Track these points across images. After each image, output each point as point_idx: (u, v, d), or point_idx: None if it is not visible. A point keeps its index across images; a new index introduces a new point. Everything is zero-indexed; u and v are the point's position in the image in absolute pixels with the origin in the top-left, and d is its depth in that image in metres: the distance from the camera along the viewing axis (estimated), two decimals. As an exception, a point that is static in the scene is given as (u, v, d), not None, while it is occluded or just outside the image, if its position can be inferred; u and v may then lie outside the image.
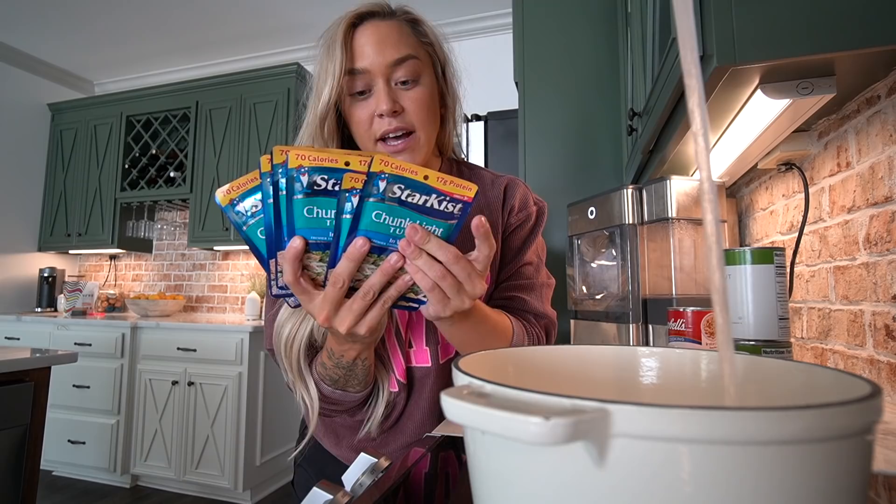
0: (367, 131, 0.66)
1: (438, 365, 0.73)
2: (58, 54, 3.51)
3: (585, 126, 1.72)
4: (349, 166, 0.46)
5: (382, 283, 0.50)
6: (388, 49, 0.64)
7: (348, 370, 0.63)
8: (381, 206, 0.47)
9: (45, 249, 3.54)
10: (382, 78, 0.64)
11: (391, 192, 0.47)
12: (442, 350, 0.73)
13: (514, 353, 0.37)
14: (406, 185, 0.46)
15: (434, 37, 0.71)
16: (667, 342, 0.75)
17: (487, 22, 2.96)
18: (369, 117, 0.66)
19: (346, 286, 0.50)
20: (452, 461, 0.52)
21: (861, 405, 0.19)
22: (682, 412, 0.18)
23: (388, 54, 0.64)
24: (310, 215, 0.48)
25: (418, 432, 0.73)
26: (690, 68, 0.24)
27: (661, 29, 0.84)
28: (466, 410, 0.20)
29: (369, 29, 0.65)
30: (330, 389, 0.66)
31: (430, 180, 0.47)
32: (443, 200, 0.47)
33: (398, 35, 0.66)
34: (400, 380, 0.71)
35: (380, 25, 0.65)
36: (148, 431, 2.63)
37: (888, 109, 0.65)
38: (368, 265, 0.50)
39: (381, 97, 0.64)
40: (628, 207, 1.05)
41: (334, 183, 0.47)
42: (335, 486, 0.47)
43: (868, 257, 0.70)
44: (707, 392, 0.34)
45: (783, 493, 0.18)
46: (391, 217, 0.48)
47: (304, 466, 0.81)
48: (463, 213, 0.49)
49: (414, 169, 0.47)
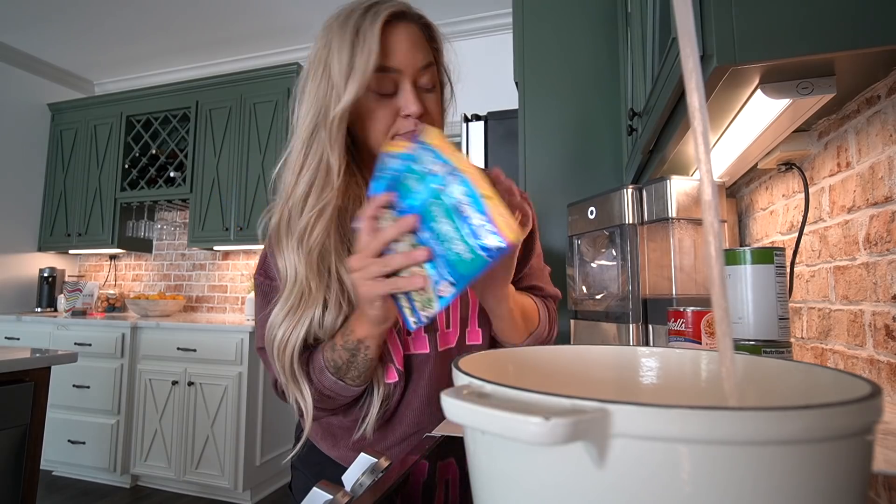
0: (389, 127, 0.66)
1: (437, 352, 0.73)
2: (58, 54, 3.51)
3: (585, 126, 1.72)
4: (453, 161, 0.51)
5: (402, 264, 0.54)
6: (419, 53, 0.65)
7: (352, 354, 0.64)
8: (440, 203, 0.51)
9: (45, 249, 3.54)
10: (410, 79, 0.65)
11: (454, 193, 0.49)
12: (441, 338, 0.73)
13: (514, 353, 0.37)
14: (468, 195, 0.49)
15: (440, 43, 0.72)
16: (667, 342, 0.75)
17: (487, 22, 2.96)
18: (392, 115, 0.65)
19: (381, 244, 0.55)
20: (452, 462, 0.52)
21: (861, 405, 0.19)
22: (681, 412, 0.18)
23: (419, 58, 0.65)
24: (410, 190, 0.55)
25: (416, 421, 0.73)
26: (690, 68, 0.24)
27: (661, 29, 0.84)
28: (466, 410, 0.20)
29: (403, 29, 0.65)
30: (332, 380, 0.66)
31: (488, 201, 0.48)
32: (483, 227, 0.48)
33: (423, 39, 0.67)
34: (398, 368, 0.71)
35: (411, 27, 0.66)
36: (148, 431, 2.63)
37: (888, 109, 0.65)
38: (404, 243, 0.54)
39: (410, 98, 0.64)
40: (628, 207, 1.05)
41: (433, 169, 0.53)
42: (335, 486, 0.47)
43: (868, 257, 0.70)
44: (707, 392, 0.34)
45: (783, 493, 0.18)
46: (442, 216, 0.51)
47: (300, 469, 0.81)
48: (495, 256, 0.48)
49: (484, 185, 0.48)
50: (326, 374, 0.66)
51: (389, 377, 0.71)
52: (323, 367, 0.66)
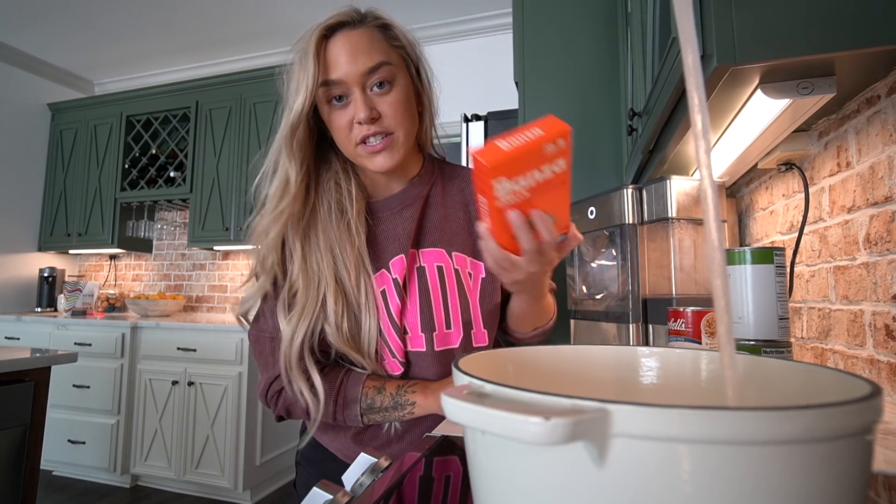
0: (348, 137, 0.69)
1: (434, 351, 0.74)
2: (58, 54, 3.51)
3: (585, 126, 1.72)
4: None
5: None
6: (361, 57, 0.66)
7: (396, 407, 0.70)
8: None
9: (45, 249, 3.54)
10: (358, 87, 0.67)
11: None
12: (438, 338, 0.74)
13: (515, 353, 0.37)
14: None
15: (405, 39, 0.73)
16: (667, 342, 0.75)
17: (487, 22, 2.96)
18: (349, 124, 0.68)
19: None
20: (452, 461, 0.52)
21: (861, 405, 0.19)
22: (681, 412, 0.18)
23: (362, 63, 0.66)
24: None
25: (416, 419, 0.74)
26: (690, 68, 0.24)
27: (661, 29, 0.84)
28: (466, 410, 0.20)
29: (340, 39, 0.67)
30: (355, 413, 0.70)
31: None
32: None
33: (369, 42, 0.68)
34: (399, 359, 0.73)
35: (350, 35, 0.67)
36: (148, 431, 2.63)
37: (888, 109, 0.65)
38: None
39: (358, 106, 0.67)
40: (628, 207, 1.05)
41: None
42: (335, 486, 0.47)
43: (868, 257, 0.70)
44: (707, 392, 0.34)
45: (783, 493, 0.18)
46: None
47: (304, 465, 0.81)
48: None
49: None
50: (353, 408, 0.70)
51: (394, 370, 0.73)
52: (356, 400, 0.70)
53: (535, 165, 0.48)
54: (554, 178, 0.50)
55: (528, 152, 0.46)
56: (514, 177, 0.48)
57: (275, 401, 0.73)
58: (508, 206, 0.50)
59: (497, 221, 0.52)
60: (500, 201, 0.49)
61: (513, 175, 0.47)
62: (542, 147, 0.47)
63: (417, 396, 0.69)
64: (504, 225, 0.53)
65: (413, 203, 0.77)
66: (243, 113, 3.06)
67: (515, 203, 0.50)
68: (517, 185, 0.48)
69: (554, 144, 0.47)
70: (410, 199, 0.77)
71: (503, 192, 0.48)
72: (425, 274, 0.75)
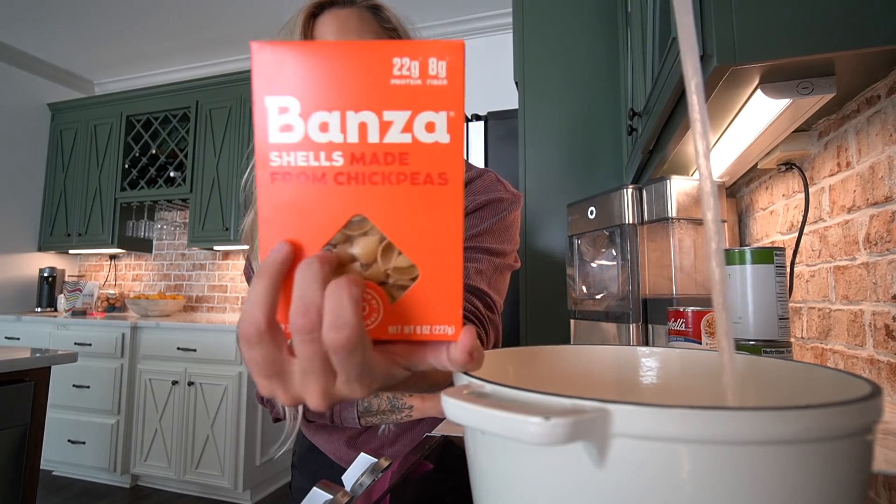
0: None
1: None
2: (58, 54, 3.51)
3: (585, 126, 1.72)
4: None
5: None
6: (350, 37, 0.63)
7: (393, 410, 0.68)
8: None
9: (45, 249, 3.54)
10: None
11: None
12: None
13: (515, 353, 0.37)
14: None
15: (398, 22, 0.69)
16: (667, 342, 0.75)
17: (487, 22, 2.96)
18: None
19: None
20: (452, 461, 0.52)
21: (861, 405, 0.19)
22: (681, 412, 0.18)
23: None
24: None
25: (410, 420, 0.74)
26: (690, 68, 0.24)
27: (661, 29, 0.84)
28: (466, 410, 0.20)
29: (329, 18, 0.63)
30: (351, 415, 0.69)
31: None
32: None
33: (359, 23, 0.64)
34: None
35: (340, 14, 0.64)
36: (148, 431, 2.63)
37: (888, 109, 0.65)
38: None
39: None
40: (628, 207, 1.05)
41: None
42: (335, 486, 0.47)
43: (868, 257, 0.70)
44: (707, 392, 0.34)
45: (783, 493, 0.18)
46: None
47: (299, 469, 0.81)
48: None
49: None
50: (350, 410, 0.69)
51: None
52: (353, 402, 0.68)
53: (363, 96, 0.24)
54: (427, 155, 0.25)
55: (362, 55, 0.24)
56: (315, 104, 0.24)
57: (271, 402, 0.72)
58: (291, 171, 0.25)
59: (266, 210, 0.25)
60: (272, 164, 0.25)
61: (313, 100, 0.24)
62: (390, 57, 0.24)
63: (415, 399, 0.69)
64: (274, 229, 0.25)
65: None
66: (243, 113, 3.06)
67: (306, 171, 0.25)
68: (330, 130, 0.25)
69: (417, 64, 0.24)
70: None
71: (299, 127, 0.25)
72: None
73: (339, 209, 0.25)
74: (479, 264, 0.66)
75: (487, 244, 0.68)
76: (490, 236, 0.69)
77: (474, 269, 0.65)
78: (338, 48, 0.24)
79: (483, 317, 0.61)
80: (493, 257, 0.68)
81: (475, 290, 0.64)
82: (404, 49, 0.24)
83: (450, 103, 0.24)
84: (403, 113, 0.24)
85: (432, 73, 0.24)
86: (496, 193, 0.72)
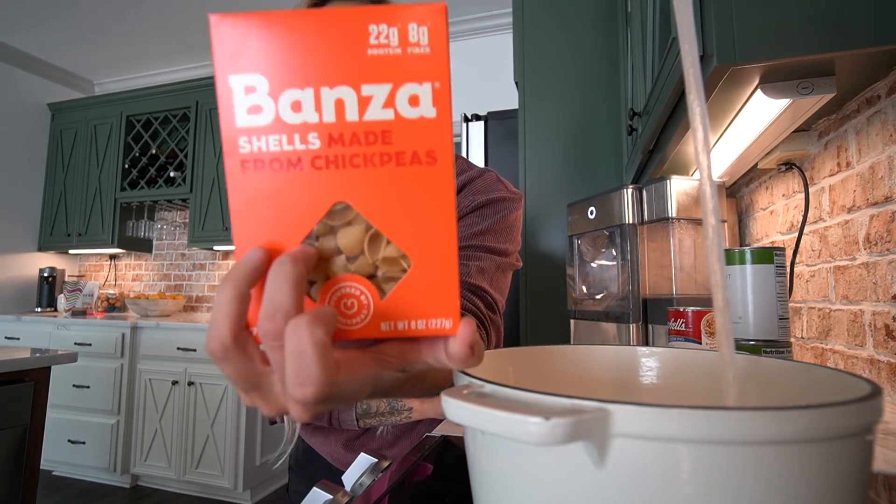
0: None
1: None
2: (58, 54, 3.51)
3: (585, 126, 1.72)
4: None
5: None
6: None
7: (392, 412, 0.68)
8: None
9: (45, 249, 3.54)
10: None
11: None
12: None
13: (515, 353, 0.37)
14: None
15: None
16: (667, 342, 0.75)
17: (487, 22, 2.96)
18: None
19: None
20: (452, 462, 0.52)
21: (861, 405, 0.19)
22: (681, 412, 0.18)
23: None
24: None
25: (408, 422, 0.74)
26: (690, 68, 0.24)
27: (661, 29, 0.84)
28: (466, 410, 0.20)
29: (339, 2, 0.61)
30: (350, 417, 0.68)
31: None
32: None
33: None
34: None
35: (345, 4, 0.62)
36: (148, 431, 2.63)
37: (888, 109, 0.65)
38: None
39: None
40: (628, 207, 1.05)
41: None
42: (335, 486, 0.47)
43: (868, 257, 0.70)
44: (707, 392, 0.34)
45: (783, 493, 0.18)
46: None
47: (295, 471, 0.81)
48: None
49: None
50: (349, 412, 0.68)
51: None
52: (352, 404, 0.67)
53: (339, 69, 0.22)
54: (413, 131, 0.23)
55: (334, 22, 0.22)
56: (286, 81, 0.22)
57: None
58: (263, 157, 0.23)
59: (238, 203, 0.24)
60: (241, 151, 0.23)
61: (283, 76, 0.22)
62: (365, 24, 0.22)
63: (414, 401, 0.69)
64: (248, 224, 0.24)
65: None
66: (243, 113, 3.06)
67: (280, 157, 0.23)
68: (303, 109, 0.23)
69: (396, 31, 0.22)
70: None
71: (269, 108, 0.23)
72: None
73: (319, 197, 0.23)
74: (481, 262, 0.64)
75: (489, 242, 0.67)
76: (492, 235, 0.68)
77: (476, 268, 0.64)
78: (307, 17, 0.22)
79: (484, 316, 0.60)
80: (496, 256, 0.67)
81: (476, 288, 0.62)
82: (381, 15, 0.22)
83: (434, 73, 0.22)
84: (384, 86, 0.22)
85: (413, 40, 0.22)
86: (497, 193, 0.72)
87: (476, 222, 0.68)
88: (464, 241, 0.66)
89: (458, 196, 0.70)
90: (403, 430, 0.73)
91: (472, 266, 0.63)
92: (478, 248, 0.66)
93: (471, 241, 0.66)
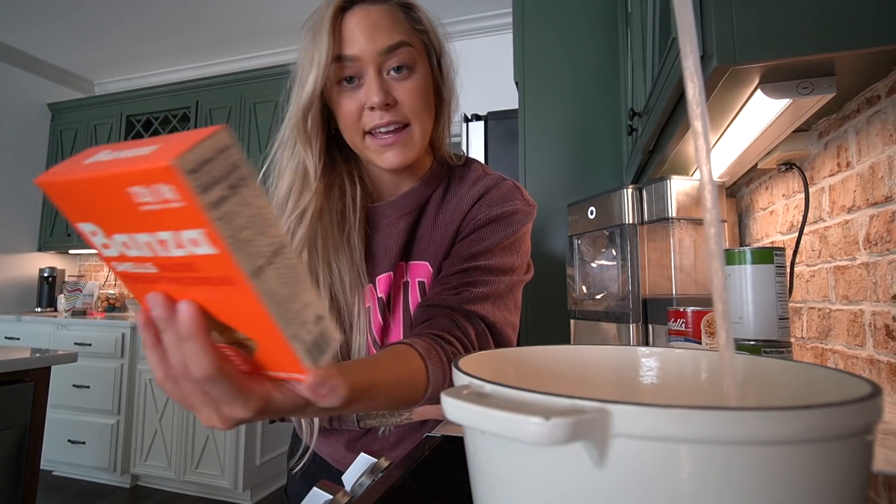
0: (356, 124, 0.61)
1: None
2: (58, 54, 3.51)
3: (585, 126, 1.72)
4: None
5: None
6: (380, 35, 0.59)
7: (393, 413, 0.68)
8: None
9: (45, 249, 3.54)
10: (373, 67, 0.59)
11: None
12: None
13: (514, 353, 0.37)
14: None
15: (429, 24, 0.66)
16: (667, 342, 0.75)
17: (487, 22, 2.96)
18: (358, 109, 0.61)
19: None
20: (452, 462, 0.52)
21: (861, 405, 0.19)
22: (682, 412, 0.18)
23: (380, 41, 0.59)
24: None
25: (407, 424, 0.74)
26: (690, 68, 0.24)
27: (661, 29, 0.84)
28: (466, 410, 0.20)
29: (359, 13, 0.60)
30: (351, 419, 0.68)
31: None
32: None
33: (391, 20, 0.61)
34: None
35: (370, 10, 0.61)
36: (148, 431, 2.63)
37: (888, 109, 0.65)
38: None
39: (371, 88, 0.59)
40: (628, 207, 1.05)
41: None
42: (335, 486, 0.47)
43: (868, 257, 0.70)
44: (707, 392, 0.34)
45: (783, 493, 0.18)
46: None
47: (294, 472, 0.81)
48: None
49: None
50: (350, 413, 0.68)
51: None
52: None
53: (131, 221, 0.25)
54: (207, 263, 0.25)
55: (102, 187, 0.24)
56: (110, 228, 0.26)
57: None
58: (129, 275, 0.29)
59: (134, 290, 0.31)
60: (116, 269, 0.29)
61: (107, 225, 0.26)
62: (125, 188, 0.23)
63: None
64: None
65: (412, 211, 0.70)
66: (243, 113, 3.06)
67: (139, 276, 0.29)
68: (132, 247, 0.27)
69: (150, 191, 0.23)
70: (410, 205, 0.70)
71: (113, 245, 0.27)
72: (409, 291, 0.70)
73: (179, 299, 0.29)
74: (485, 287, 0.63)
75: (495, 261, 0.66)
76: (499, 252, 0.67)
77: (478, 294, 0.63)
78: (89, 184, 0.24)
79: (471, 346, 0.59)
80: (501, 276, 0.66)
81: (472, 315, 0.62)
82: (138, 177, 0.23)
83: (195, 222, 0.24)
84: (167, 233, 0.25)
85: (166, 197, 0.23)
86: (512, 205, 0.70)
87: (485, 237, 0.67)
88: (467, 263, 0.65)
89: (475, 207, 0.69)
90: (406, 432, 0.73)
91: (472, 292, 0.62)
92: (482, 271, 0.65)
93: (475, 263, 0.65)
